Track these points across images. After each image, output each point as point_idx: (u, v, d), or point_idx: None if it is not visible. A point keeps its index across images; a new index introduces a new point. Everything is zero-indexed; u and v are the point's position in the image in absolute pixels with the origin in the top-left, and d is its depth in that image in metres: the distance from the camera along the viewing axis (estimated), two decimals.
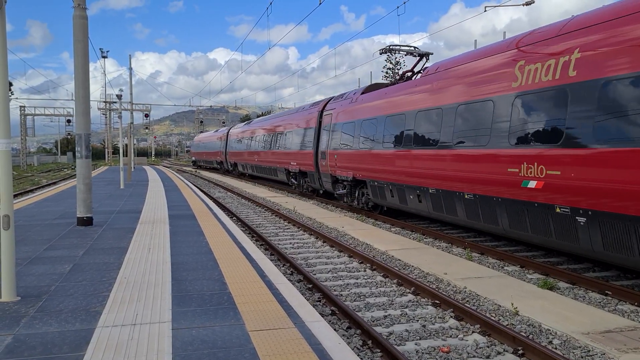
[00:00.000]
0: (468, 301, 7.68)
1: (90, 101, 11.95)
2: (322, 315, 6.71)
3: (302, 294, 7.18)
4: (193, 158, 69.61)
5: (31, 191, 27.98)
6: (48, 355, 4.35)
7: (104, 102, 67.41)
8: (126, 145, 40.62)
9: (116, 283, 6.64)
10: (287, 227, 15.18)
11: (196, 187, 25.75)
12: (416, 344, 6.11)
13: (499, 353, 5.86)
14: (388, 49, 16.86)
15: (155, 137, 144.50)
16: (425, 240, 12.71)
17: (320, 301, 7.73)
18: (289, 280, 8.38)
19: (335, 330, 5.94)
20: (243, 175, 39.58)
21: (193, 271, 7.28)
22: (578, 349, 5.79)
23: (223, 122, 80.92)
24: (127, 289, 6.34)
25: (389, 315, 7.12)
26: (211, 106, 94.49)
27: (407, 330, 6.53)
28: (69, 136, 78.67)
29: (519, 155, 9.24)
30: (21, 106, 69.91)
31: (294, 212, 17.87)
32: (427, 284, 8.49)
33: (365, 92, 17.63)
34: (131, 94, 50.36)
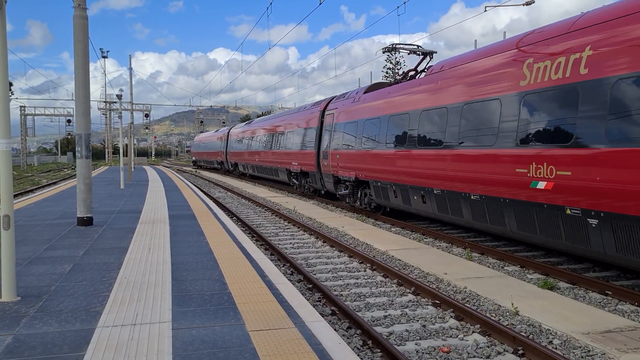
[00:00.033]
0: (468, 301, 7.68)
1: (90, 101, 11.95)
2: (322, 315, 6.71)
3: (302, 294, 7.19)
4: (193, 158, 69.57)
5: (31, 191, 27.98)
6: (48, 355, 4.35)
7: (104, 102, 67.52)
8: (126, 145, 40.63)
9: (116, 283, 6.64)
10: (287, 227, 15.18)
11: (196, 187, 25.75)
12: (416, 344, 6.11)
13: (499, 353, 5.86)
14: (392, 48, 16.65)
15: (155, 137, 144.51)
16: (425, 240, 12.70)
17: (320, 301, 7.73)
18: (289, 280, 8.38)
19: (335, 330, 5.94)
20: (244, 175, 39.54)
21: (193, 271, 7.28)
22: (578, 349, 5.79)
23: (223, 122, 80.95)
24: (127, 289, 6.34)
25: (389, 315, 7.12)
26: (211, 106, 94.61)
27: (407, 330, 6.54)
28: (69, 136, 78.74)
29: (528, 155, 9.03)
30: (21, 106, 69.98)
31: (294, 212, 17.87)
32: (427, 284, 8.49)
33: (367, 92, 17.42)
34: (131, 94, 50.37)
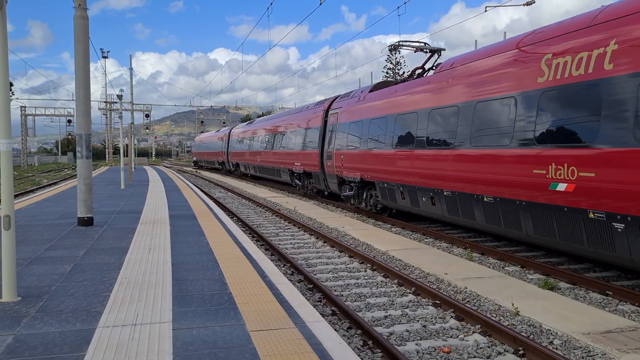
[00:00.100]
0: (469, 301, 7.68)
1: (90, 101, 11.95)
2: (323, 315, 6.71)
3: (303, 294, 7.19)
4: (194, 158, 69.57)
5: (32, 191, 28.01)
6: (49, 355, 4.36)
7: (105, 102, 67.50)
8: (127, 145, 40.66)
9: (117, 283, 6.64)
10: (288, 228, 15.18)
11: (197, 187, 25.76)
12: (417, 344, 6.11)
13: (500, 353, 5.86)
14: (398, 45, 16.31)
15: (155, 137, 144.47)
16: (425, 240, 12.70)
17: (320, 301, 7.73)
18: (290, 280, 8.38)
19: (335, 330, 5.93)
20: (245, 175, 39.53)
21: (194, 271, 7.28)
22: (579, 349, 5.79)
23: (223, 123, 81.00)
24: (128, 289, 6.34)
25: (390, 315, 7.12)
26: (212, 106, 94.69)
27: (408, 330, 6.54)
28: (70, 136, 78.82)
29: (547, 155, 8.61)
30: (22, 106, 70.00)
31: (295, 213, 17.87)
32: (428, 284, 8.49)
33: (373, 91, 17.03)
34: (132, 94, 50.34)
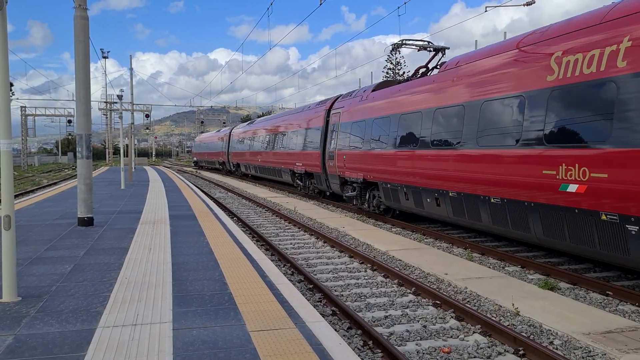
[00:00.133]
0: (469, 301, 7.68)
1: (91, 101, 11.95)
2: (323, 315, 6.72)
3: (303, 295, 7.19)
4: (195, 158, 69.56)
5: (32, 191, 28.01)
6: (49, 355, 4.36)
7: (105, 103, 67.53)
8: (127, 145, 40.64)
9: (117, 283, 6.64)
10: (288, 228, 15.18)
11: (197, 188, 25.76)
12: (417, 345, 6.11)
13: (500, 353, 5.86)
14: (401, 44, 16.10)
15: (155, 138, 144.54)
16: (425, 240, 12.69)
17: (321, 301, 7.73)
18: (290, 280, 8.39)
19: (336, 330, 5.94)
20: (245, 176, 39.51)
21: (194, 271, 7.28)
22: (579, 350, 5.79)
23: (224, 123, 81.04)
24: (128, 290, 6.34)
25: (390, 315, 7.12)
26: (212, 106, 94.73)
27: (408, 330, 6.54)
28: (70, 136, 78.92)
29: (557, 155, 8.38)
30: (22, 106, 70.04)
31: (295, 213, 17.87)
32: (428, 285, 8.49)
33: (375, 90, 16.85)
34: (132, 95, 50.31)
